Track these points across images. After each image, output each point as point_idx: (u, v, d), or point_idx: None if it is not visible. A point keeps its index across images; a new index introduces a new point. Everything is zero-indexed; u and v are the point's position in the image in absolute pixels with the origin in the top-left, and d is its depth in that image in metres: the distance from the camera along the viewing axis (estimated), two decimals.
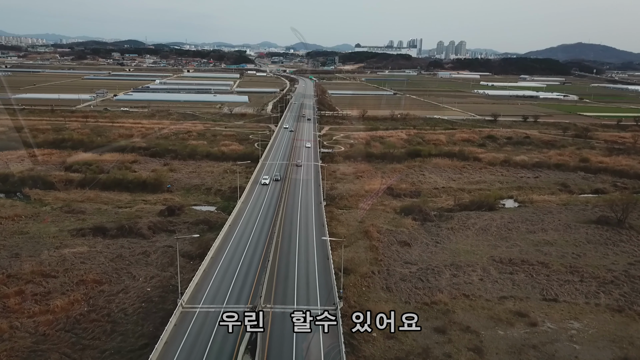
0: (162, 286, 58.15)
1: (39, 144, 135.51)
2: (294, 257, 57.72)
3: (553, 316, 53.75)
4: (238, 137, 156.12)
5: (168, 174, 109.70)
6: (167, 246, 70.37)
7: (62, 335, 47.39)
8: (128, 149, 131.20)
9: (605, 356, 46.59)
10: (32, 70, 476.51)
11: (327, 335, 36.04)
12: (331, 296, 46.69)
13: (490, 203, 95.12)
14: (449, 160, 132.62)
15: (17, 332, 47.62)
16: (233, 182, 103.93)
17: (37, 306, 52.06)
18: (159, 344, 38.09)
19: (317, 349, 38.22)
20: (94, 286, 57.27)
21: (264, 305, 42.75)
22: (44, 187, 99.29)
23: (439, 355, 45.91)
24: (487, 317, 53.08)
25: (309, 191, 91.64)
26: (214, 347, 38.20)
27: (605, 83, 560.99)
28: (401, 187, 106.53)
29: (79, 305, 52.57)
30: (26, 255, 65.56)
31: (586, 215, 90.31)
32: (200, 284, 49.19)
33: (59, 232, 75.12)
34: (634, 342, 49.00)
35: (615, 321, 53.20)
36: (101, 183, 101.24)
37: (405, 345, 47.29)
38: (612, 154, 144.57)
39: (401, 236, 77.10)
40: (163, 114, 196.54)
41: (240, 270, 53.38)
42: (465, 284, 60.92)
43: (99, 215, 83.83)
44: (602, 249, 74.88)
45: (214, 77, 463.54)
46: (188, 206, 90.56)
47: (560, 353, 46.88)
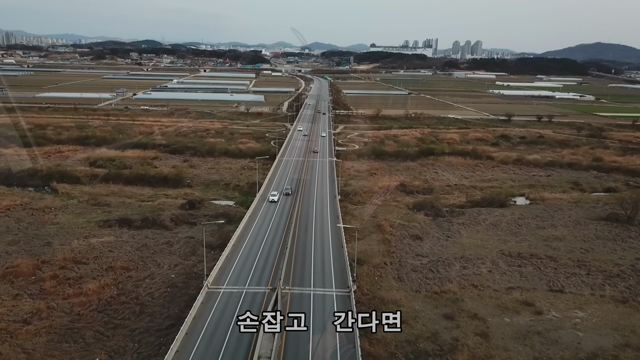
0: (185, 273, 61.61)
1: (64, 140, 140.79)
2: (310, 245, 61.09)
3: (558, 306, 55.96)
4: (255, 136, 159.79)
5: (188, 170, 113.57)
6: (189, 237, 73.96)
7: (95, 315, 51.03)
8: (149, 146, 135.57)
9: (607, 343, 48.73)
10: (53, 70, 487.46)
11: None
12: (345, 280, 49.78)
13: (501, 200, 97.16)
14: (461, 158, 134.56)
15: (54, 311, 51.40)
16: (250, 178, 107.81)
17: (71, 289, 55.86)
18: (188, 318, 41.53)
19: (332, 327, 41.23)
20: (122, 272, 60.95)
21: (283, 287, 46.02)
22: (70, 181, 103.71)
23: (447, 339, 48.49)
24: (494, 306, 55.50)
25: (324, 186, 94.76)
26: None
27: (623, 83, 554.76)
28: (414, 184, 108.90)
29: (109, 289, 56.24)
30: (58, 244, 69.61)
31: (596, 212, 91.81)
32: (223, 268, 52.70)
33: (87, 223, 79.22)
34: (635, 331, 51.04)
35: (619, 311, 55.24)
36: (124, 178, 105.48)
37: (415, 329, 49.97)
38: (626, 154, 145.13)
39: (413, 230, 79.67)
40: (181, 112, 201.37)
41: (260, 256, 56.89)
42: (474, 275, 63.32)
43: (124, 208, 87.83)
44: (610, 245, 76.55)
45: (230, 76, 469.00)
46: (208, 200, 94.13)
47: (564, 339, 49.15)
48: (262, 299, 45.58)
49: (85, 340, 46.56)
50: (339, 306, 44.02)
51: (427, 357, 45.55)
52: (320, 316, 42.23)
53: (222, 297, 46.08)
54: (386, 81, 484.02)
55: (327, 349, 38.66)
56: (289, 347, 38.38)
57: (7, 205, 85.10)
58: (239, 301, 44.48)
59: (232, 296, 46.17)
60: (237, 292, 46.33)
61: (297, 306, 44.03)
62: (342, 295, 46.85)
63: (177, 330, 43.07)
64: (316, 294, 46.87)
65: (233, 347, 37.98)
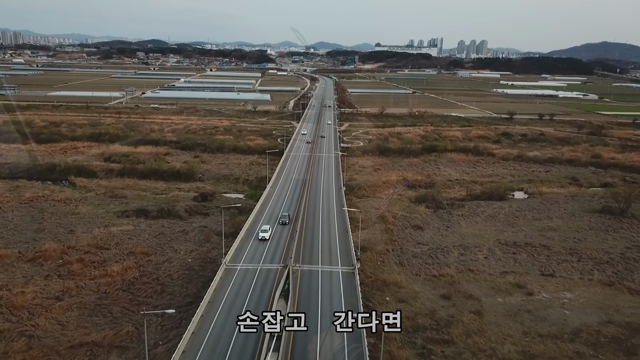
0: (200, 258, 66.08)
1: (78, 137, 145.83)
2: (318, 230, 66.06)
3: (548, 288, 60.07)
4: (262, 133, 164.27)
5: (199, 165, 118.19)
6: (203, 226, 78.53)
7: (120, 293, 55.62)
8: (160, 143, 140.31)
9: (592, 320, 52.80)
10: (62, 69, 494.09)
11: (347, 290, 43.33)
12: (350, 259, 54.27)
13: (500, 194, 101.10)
14: (463, 155, 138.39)
15: (83, 290, 56.02)
16: (259, 173, 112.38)
17: (97, 271, 60.50)
18: (210, 289, 46.14)
19: (339, 296, 46.01)
20: (142, 257, 65.54)
21: (294, 264, 50.54)
22: (86, 175, 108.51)
23: (444, 316, 52.72)
24: (488, 288, 59.69)
25: (330, 179, 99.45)
26: (255, 293, 46.30)
27: (628, 82, 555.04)
28: (416, 179, 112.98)
29: (131, 271, 60.80)
30: (80, 232, 74.33)
31: (591, 205, 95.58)
32: (239, 249, 57.40)
33: (106, 214, 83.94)
34: (619, 310, 55.07)
35: (605, 293, 59.31)
36: (139, 172, 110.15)
37: (414, 307, 54.26)
38: (625, 151, 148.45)
39: (415, 221, 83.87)
40: (190, 110, 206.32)
41: (272, 238, 61.47)
42: (471, 261, 67.50)
43: (140, 200, 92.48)
44: (602, 235, 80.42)
45: (236, 76, 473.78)
46: (219, 193, 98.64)
47: (552, 317, 53.26)
48: (275, 275, 50.39)
49: (113, 315, 51.15)
50: (345, 281, 48.62)
51: (424, 331, 49.77)
52: (328, 289, 46.88)
53: (239, 272, 50.80)
54: (391, 80, 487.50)
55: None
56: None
57: (30, 197, 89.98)
58: (254, 277, 49.42)
59: (248, 272, 50.93)
60: (252, 269, 51.13)
61: (306, 281, 48.70)
62: (347, 272, 51.56)
63: (196, 307, 47.55)
64: (323, 271, 51.56)
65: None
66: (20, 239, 71.32)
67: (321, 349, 37.73)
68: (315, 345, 38.31)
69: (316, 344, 38.31)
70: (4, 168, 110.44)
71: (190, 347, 39.46)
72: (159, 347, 45.39)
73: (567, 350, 47.20)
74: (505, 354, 46.14)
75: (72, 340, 46.09)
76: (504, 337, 49.04)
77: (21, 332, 47.25)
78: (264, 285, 47.34)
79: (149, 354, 44.27)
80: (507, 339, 48.72)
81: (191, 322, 41.19)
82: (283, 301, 43.37)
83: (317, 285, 47.69)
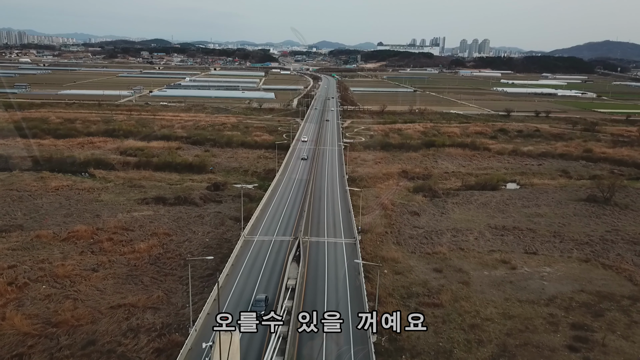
0: (217, 238, 73.01)
1: (93, 132, 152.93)
2: (324, 210, 74.62)
3: (530, 264, 66.87)
4: (268, 129, 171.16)
5: (210, 158, 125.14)
6: (217, 212, 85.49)
7: (148, 266, 62.61)
8: (172, 138, 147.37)
9: (566, 289, 59.57)
10: (68, 69, 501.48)
11: (349, 256, 50.41)
12: (352, 233, 61.44)
13: (493, 184, 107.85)
14: (461, 150, 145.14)
15: (115, 264, 63.03)
16: (266, 166, 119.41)
17: (125, 248, 67.52)
18: (232, 255, 53.25)
19: (342, 260, 53.40)
20: (165, 237, 72.52)
21: (303, 236, 57.65)
22: (104, 167, 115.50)
23: (435, 285, 59.57)
24: (476, 263, 66.50)
25: (334, 168, 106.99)
26: (270, 259, 53.60)
27: (628, 81, 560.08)
28: (415, 171, 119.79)
29: (156, 249, 67.76)
30: (106, 216, 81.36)
31: (578, 195, 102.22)
32: (254, 225, 64.71)
33: (127, 201, 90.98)
34: (591, 281, 61.83)
35: (581, 268, 66.08)
36: (153, 165, 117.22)
37: (409, 278, 61.12)
38: (616, 146, 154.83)
39: (412, 208, 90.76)
40: (198, 108, 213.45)
41: (284, 216, 69.97)
42: (462, 242, 74.32)
43: (157, 189, 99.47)
44: (585, 220, 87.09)
45: (240, 74, 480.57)
46: (230, 184, 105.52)
47: (531, 287, 60.05)
48: (287, 245, 57.54)
49: (144, 283, 58.15)
50: (347, 250, 55.85)
51: (417, 297, 56.64)
52: (333, 255, 54.39)
53: (256, 243, 58.09)
54: (393, 79, 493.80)
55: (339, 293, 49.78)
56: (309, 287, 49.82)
57: (56, 186, 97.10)
58: (269, 246, 56.60)
59: (264, 243, 58.29)
60: (268, 240, 58.47)
61: (314, 249, 55.95)
62: (350, 243, 58.75)
63: (216, 278, 54.45)
64: (329, 242, 58.82)
65: (268, 274, 50.29)
66: (52, 222, 78.39)
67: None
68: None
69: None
70: (27, 161, 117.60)
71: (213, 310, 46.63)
72: (187, 308, 52.29)
73: (542, 312, 53.98)
74: (487, 315, 52.95)
75: (110, 302, 53.11)
76: (487, 302, 55.88)
77: (66, 295, 54.31)
78: (278, 252, 54.71)
79: (177, 314, 51.46)
80: (490, 303, 55.56)
81: (220, 276, 48.21)
82: (295, 264, 50.47)
83: (324, 252, 55.19)
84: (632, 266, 66.64)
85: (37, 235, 71.06)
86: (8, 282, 56.37)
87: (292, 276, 46.43)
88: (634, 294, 58.71)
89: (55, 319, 49.01)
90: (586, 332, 50.16)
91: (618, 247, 74.11)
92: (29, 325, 47.71)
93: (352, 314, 41.95)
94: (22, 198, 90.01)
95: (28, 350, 44.12)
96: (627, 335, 49.94)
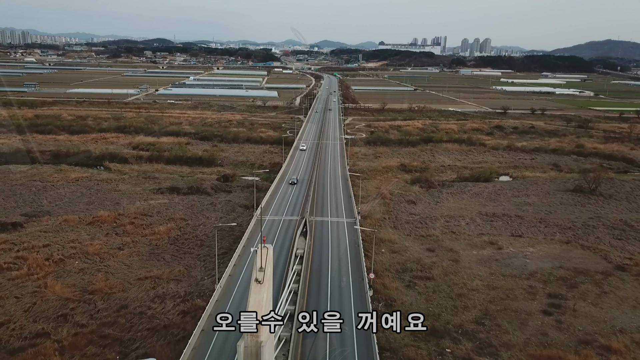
0: (228, 222, 79.52)
1: (105, 129, 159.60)
2: (327, 194, 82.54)
3: (516, 245, 73.30)
4: (272, 126, 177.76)
5: (218, 153, 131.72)
6: (227, 200, 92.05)
7: (168, 246, 69.20)
8: (180, 134, 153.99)
9: (546, 265, 65.97)
10: (74, 68, 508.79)
11: (350, 232, 57.20)
12: (353, 214, 68.41)
13: (486, 176, 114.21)
14: (457, 145, 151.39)
15: (138, 244, 69.60)
16: (272, 160, 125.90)
17: (146, 230, 74.12)
18: (247, 230, 60.01)
19: (344, 235, 60.30)
20: (181, 221, 79.10)
21: (309, 216, 64.41)
22: (119, 161, 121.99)
23: (427, 262, 66.01)
24: (466, 244, 72.94)
25: (336, 159, 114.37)
26: (281, 234, 60.57)
27: (627, 80, 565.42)
28: (413, 165, 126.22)
29: (174, 231, 74.36)
30: (125, 204, 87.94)
31: (566, 186, 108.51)
32: (264, 208, 71.35)
33: (143, 191, 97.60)
34: (570, 259, 68.21)
35: (562, 248, 72.49)
36: (165, 158, 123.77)
37: (404, 256, 67.59)
38: (607, 142, 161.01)
39: (409, 197, 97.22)
40: (204, 105, 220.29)
41: (291, 199, 77.06)
42: (454, 226, 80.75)
43: (170, 180, 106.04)
44: (570, 209, 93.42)
45: (243, 74, 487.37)
46: (238, 176, 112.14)
47: (514, 264, 66.46)
48: (295, 224, 64.23)
49: (166, 260, 64.74)
50: (348, 227, 62.62)
51: (411, 272, 63.09)
52: (336, 231, 61.34)
53: (267, 222, 64.69)
54: (393, 78, 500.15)
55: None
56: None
57: (76, 178, 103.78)
58: (279, 224, 63.43)
59: (274, 221, 65.04)
60: (278, 219, 65.52)
61: (319, 227, 62.80)
62: (351, 222, 65.48)
63: (229, 257, 60.99)
64: (332, 221, 65.75)
65: (280, 245, 56.95)
66: (76, 209, 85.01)
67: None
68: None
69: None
70: (45, 155, 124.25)
71: (233, 273, 53.32)
72: (205, 280, 58.89)
73: (523, 284, 60.42)
74: (473, 286, 59.38)
75: (138, 275, 59.72)
76: (474, 276, 62.31)
77: (98, 269, 60.91)
78: (287, 229, 61.62)
79: (198, 285, 58.02)
80: (476, 277, 62.00)
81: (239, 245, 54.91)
82: (303, 238, 57.12)
83: (328, 229, 62.53)
84: (609, 247, 73.03)
85: (64, 220, 77.74)
86: (45, 258, 62.98)
87: (301, 247, 53.15)
88: (607, 270, 65.10)
89: (91, 288, 55.65)
90: (560, 300, 56.53)
91: (598, 231, 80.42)
92: (68, 292, 54.37)
93: (352, 275, 48.93)
94: (45, 188, 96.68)
95: (70, 312, 50.71)
96: (597, 303, 56.33)
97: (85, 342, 45.38)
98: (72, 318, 49.58)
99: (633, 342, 48.21)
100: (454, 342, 47.61)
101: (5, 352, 43.81)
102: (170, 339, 45.97)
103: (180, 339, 45.33)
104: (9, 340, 45.66)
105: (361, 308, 43.41)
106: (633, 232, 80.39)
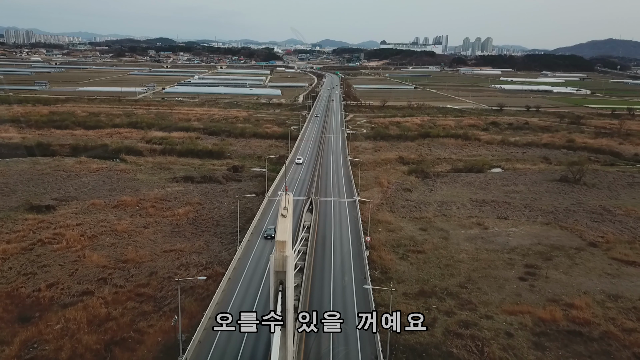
0: (241, 207, 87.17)
1: (118, 124, 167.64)
2: (330, 179, 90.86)
3: (500, 225, 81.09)
4: (277, 122, 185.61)
5: (227, 146, 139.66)
6: (238, 188, 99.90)
7: (188, 225, 77.14)
8: (190, 129, 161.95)
9: (526, 242, 73.73)
10: (80, 67, 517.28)
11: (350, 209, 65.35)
12: (353, 194, 76.85)
13: (479, 168, 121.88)
14: (454, 139, 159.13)
15: (160, 224, 77.56)
16: (277, 153, 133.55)
17: (167, 212, 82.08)
18: (260, 208, 68.07)
19: (345, 212, 68.41)
20: (197, 205, 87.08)
21: (315, 197, 72.53)
22: (134, 154, 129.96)
23: (420, 239, 73.81)
24: (456, 225, 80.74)
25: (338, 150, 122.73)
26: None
27: (626, 79, 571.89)
28: (410, 158, 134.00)
29: (192, 213, 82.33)
30: (144, 191, 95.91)
31: (553, 176, 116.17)
32: (274, 191, 79.21)
33: (160, 179, 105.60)
34: (548, 238, 75.97)
35: (542, 228, 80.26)
36: (177, 151, 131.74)
37: (399, 235, 75.40)
38: (598, 137, 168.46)
39: (405, 186, 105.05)
40: (211, 103, 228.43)
41: (299, 183, 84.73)
42: (446, 210, 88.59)
43: (184, 171, 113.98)
44: (555, 196, 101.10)
45: (246, 72, 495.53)
46: (246, 167, 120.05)
47: (498, 241, 74.24)
48: (302, 203, 72.19)
49: (186, 236, 72.68)
50: (349, 206, 70.72)
51: (405, 247, 70.88)
52: (338, 209, 69.72)
53: (277, 201, 72.62)
54: (395, 77, 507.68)
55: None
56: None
57: (96, 168, 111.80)
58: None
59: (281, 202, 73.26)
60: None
61: (323, 205, 71.15)
62: (351, 202, 73.68)
63: (243, 234, 68.84)
64: (334, 200, 73.86)
65: None
66: (100, 195, 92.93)
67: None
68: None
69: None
70: (65, 148, 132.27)
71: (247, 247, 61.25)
72: (223, 253, 66.76)
73: (504, 257, 68.21)
74: (459, 259, 67.16)
75: (163, 248, 67.65)
76: (461, 250, 70.11)
77: (127, 244, 68.86)
78: (295, 207, 69.11)
79: (217, 256, 65.84)
80: (463, 251, 69.79)
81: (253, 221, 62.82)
82: (309, 214, 65.02)
83: (331, 206, 70.97)
84: (585, 228, 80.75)
85: (92, 204, 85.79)
86: (79, 234, 70.96)
87: (307, 220, 61.11)
88: (581, 246, 72.89)
89: (124, 257, 63.64)
90: (535, 269, 64.26)
91: (578, 215, 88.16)
92: (105, 261, 62.38)
93: (351, 239, 58.73)
94: (69, 177, 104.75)
95: (109, 276, 58.70)
96: (567, 272, 64.08)
97: (125, 298, 53.35)
98: (110, 281, 57.58)
99: (594, 302, 55.95)
100: (440, 301, 55.43)
101: (58, 306, 51.76)
102: (197, 296, 53.86)
103: (205, 296, 53.21)
104: (60, 297, 53.64)
105: (360, 264, 51.37)
106: (610, 215, 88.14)
